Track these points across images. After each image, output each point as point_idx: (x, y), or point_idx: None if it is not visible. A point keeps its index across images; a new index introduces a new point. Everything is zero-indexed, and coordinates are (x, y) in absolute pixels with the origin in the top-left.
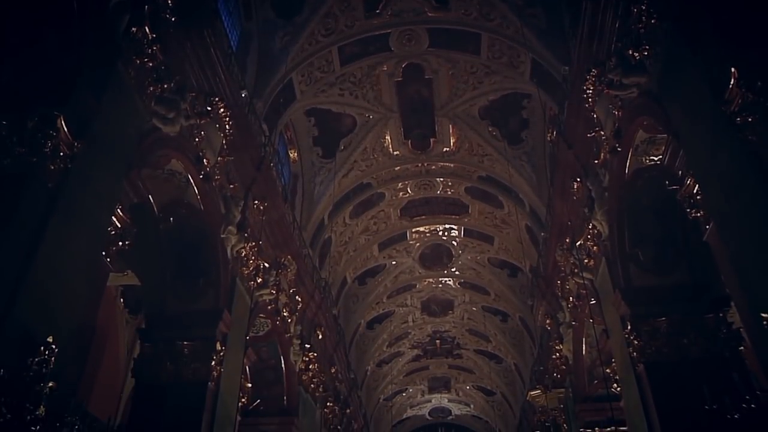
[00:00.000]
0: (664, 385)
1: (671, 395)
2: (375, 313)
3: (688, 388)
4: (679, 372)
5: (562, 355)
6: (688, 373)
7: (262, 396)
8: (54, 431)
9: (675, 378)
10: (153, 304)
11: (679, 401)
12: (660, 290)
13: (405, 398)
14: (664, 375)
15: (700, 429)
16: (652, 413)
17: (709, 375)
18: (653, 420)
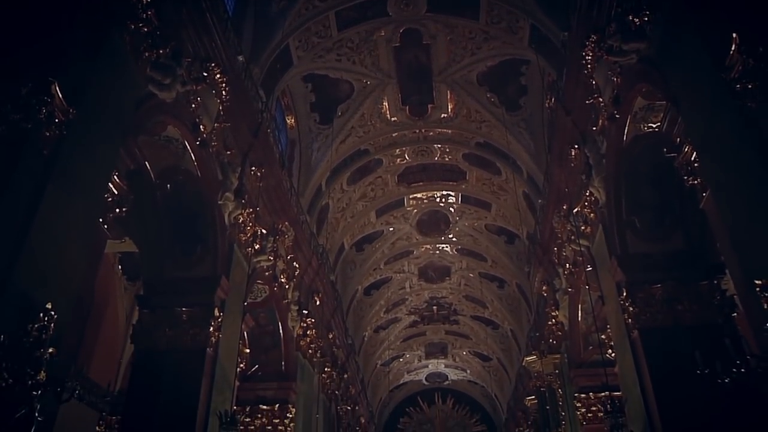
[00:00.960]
0: (658, 350)
1: (664, 361)
2: (372, 279)
3: (681, 353)
4: (673, 338)
5: (558, 321)
6: (682, 339)
7: (260, 361)
8: (55, 396)
9: (669, 344)
10: (151, 271)
11: (672, 367)
12: (656, 257)
13: (402, 364)
14: (658, 341)
15: (692, 393)
16: (645, 378)
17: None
18: (646, 385)
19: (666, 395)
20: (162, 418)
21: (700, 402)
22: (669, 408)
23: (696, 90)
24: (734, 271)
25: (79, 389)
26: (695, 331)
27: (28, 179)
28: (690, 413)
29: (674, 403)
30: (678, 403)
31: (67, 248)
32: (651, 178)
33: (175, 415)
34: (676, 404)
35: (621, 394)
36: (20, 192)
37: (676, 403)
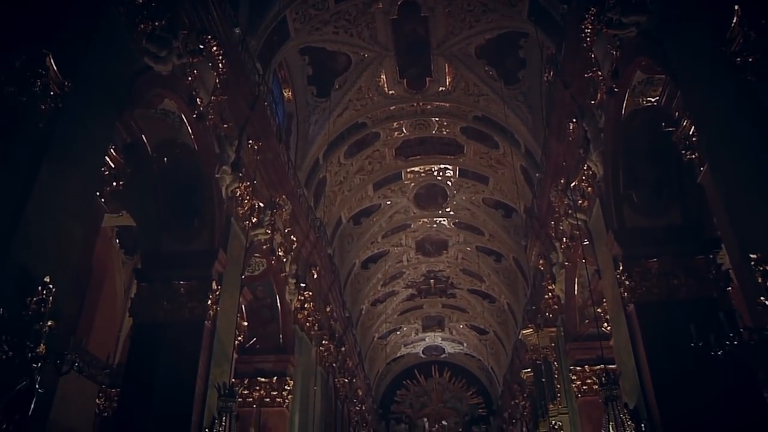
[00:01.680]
0: (653, 324)
1: (659, 334)
2: (370, 252)
3: (676, 327)
4: (668, 312)
5: (555, 295)
6: (677, 313)
7: (258, 334)
8: (55, 368)
9: (664, 318)
10: (148, 245)
11: (666, 340)
12: (652, 232)
13: (399, 336)
14: (653, 315)
15: (685, 366)
16: (640, 351)
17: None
18: (641, 358)
19: (660, 368)
20: (161, 390)
21: (693, 374)
22: (663, 380)
23: (696, 63)
24: (730, 246)
25: (78, 362)
26: (690, 305)
27: (24, 152)
28: (683, 385)
29: (668, 376)
30: (672, 376)
31: (64, 222)
32: (649, 153)
33: (174, 387)
34: (670, 377)
35: (616, 367)
36: (17, 165)
37: (669, 375)
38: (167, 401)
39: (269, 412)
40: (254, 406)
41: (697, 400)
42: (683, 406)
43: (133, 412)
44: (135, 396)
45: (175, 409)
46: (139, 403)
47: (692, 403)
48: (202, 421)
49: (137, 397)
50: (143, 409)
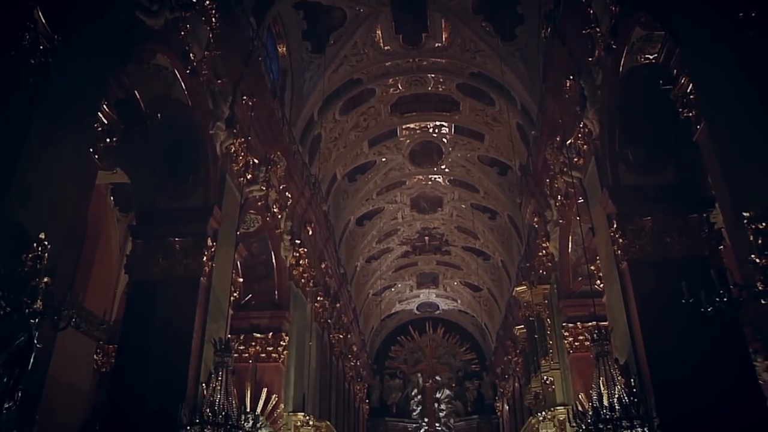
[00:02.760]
0: (646, 282)
1: (651, 291)
2: (364, 209)
3: (668, 285)
4: (661, 270)
5: (549, 252)
6: (669, 271)
7: (253, 291)
8: (52, 324)
9: (656, 275)
10: (143, 202)
11: (658, 297)
12: (647, 190)
13: (394, 293)
14: (645, 272)
15: (676, 323)
16: (632, 308)
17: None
18: (632, 315)
19: (651, 325)
20: (158, 346)
21: (683, 331)
22: (653, 337)
23: (696, 18)
24: (724, 204)
25: (75, 318)
26: (682, 263)
27: (16, 108)
28: (673, 342)
29: (658, 332)
30: (662, 333)
31: (58, 178)
32: (646, 111)
33: (171, 343)
34: (660, 333)
35: (608, 323)
36: (7, 122)
37: (660, 332)
38: (164, 357)
39: (265, 367)
40: (250, 361)
41: (685, 356)
42: (672, 362)
43: (131, 367)
44: (132, 352)
45: (172, 365)
46: (136, 359)
47: (681, 359)
48: (198, 376)
49: (134, 352)
50: (140, 365)
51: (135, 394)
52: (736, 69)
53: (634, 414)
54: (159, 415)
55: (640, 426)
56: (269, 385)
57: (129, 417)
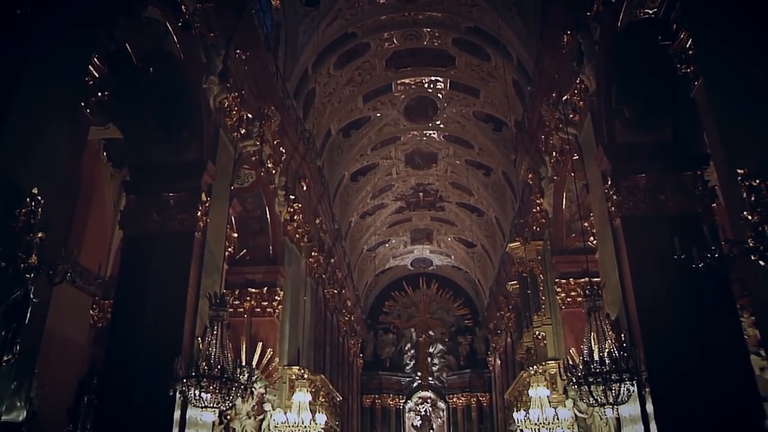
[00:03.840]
0: (638, 238)
1: (644, 248)
2: (359, 165)
3: (661, 241)
4: (654, 227)
5: (543, 208)
6: (662, 228)
7: (248, 246)
8: (48, 278)
9: (649, 232)
10: (136, 157)
11: (650, 254)
12: (642, 147)
13: (388, 249)
14: (639, 229)
15: (667, 279)
16: (624, 265)
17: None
18: (625, 271)
19: (642, 281)
20: (153, 300)
21: (673, 287)
22: (644, 293)
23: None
24: (718, 160)
25: (70, 272)
26: (675, 220)
27: (4, 61)
28: (664, 298)
29: (650, 289)
30: (653, 289)
31: (49, 133)
32: (643, 67)
33: (166, 298)
34: (652, 289)
35: (600, 279)
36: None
37: (651, 288)
38: (159, 311)
39: (260, 322)
40: (245, 316)
41: (675, 312)
42: (662, 318)
43: (127, 322)
44: (128, 307)
45: (168, 319)
46: (132, 314)
47: (671, 315)
48: (194, 330)
49: (130, 307)
50: (136, 319)
51: (131, 348)
52: (736, 24)
53: (623, 368)
54: (155, 369)
55: (629, 379)
56: (264, 339)
57: (126, 371)
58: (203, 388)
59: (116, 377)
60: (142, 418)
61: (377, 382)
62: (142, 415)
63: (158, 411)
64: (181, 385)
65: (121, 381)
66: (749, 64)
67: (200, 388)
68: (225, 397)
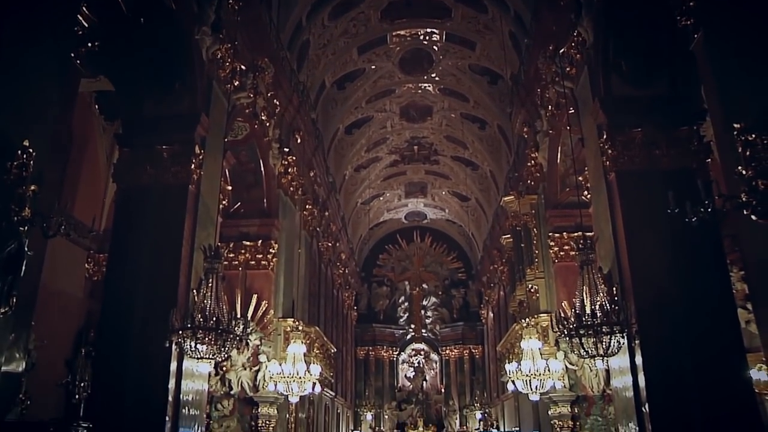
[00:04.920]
0: (632, 193)
1: (637, 203)
2: (353, 118)
3: (655, 196)
4: (648, 181)
5: (537, 162)
6: (656, 183)
7: (242, 199)
8: (42, 231)
9: (643, 187)
10: (129, 110)
11: (644, 208)
12: (639, 101)
13: (382, 202)
14: (633, 184)
15: (659, 234)
16: (617, 219)
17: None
18: (618, 225)
19: (635, 235)
20: (148, 253)
21: (666, 242)
22: (637, 247)
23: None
24: (715, 115)
25: (64, 225)
26: (670, 175)
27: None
28: (656, 253)
29: (642, 243)
30: (645, 243)
31: (39, 84)
32: (642, 20)
33: (161, 251)
34: (644, 243)
35: (593, 234)
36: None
37: (644, 242)
38: (154, 264)
39: (255, 275)
40: (240, 268)
41: (666, 266)
42: (654, 272)
43: (122, 275)
44: (122, 260)
45: (163, 272)
46: (127, 267)
47: (662, 269)
48: (189, 283)
49: (125, 261)
50: (131, 272)
51: (127, 301)
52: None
53: (614, 320)
54: (151, 321)
55: (619, 332)
56: (259, 291)
57: (122, 323)
58: (199, 340)
59: (113, 330)
60: (140, 370)
61: (371, 335)
62: (139, 366)
63: (155, 362)
64: (177, 337)
65: (117, 333)
66: (749, 17)
67: (196, 339)
68: (220, 348)
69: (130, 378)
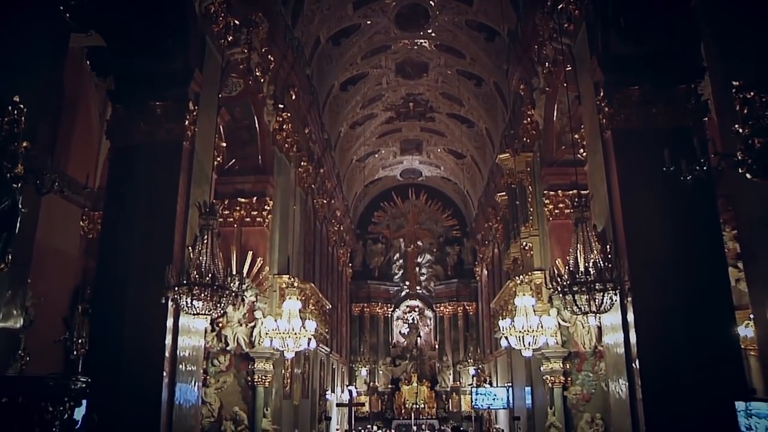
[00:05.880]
0: (628, 151)
1: (633, 161)
2: (348, 74)
3: (650, 155)
4: (644, 140)
5: (533, 120)
6: (652, 142)
7: (237, 155)
8: (35, 189)
9: (639, 145)
10: (121, 65)
11: (639, 167)
12: (637, 58)
13: (377, 159)
14: (629, 142)
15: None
16: (613, 177)
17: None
18: (613, 183)
19: (630, 193)
20: (143, 210)
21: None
22: (631, 205)
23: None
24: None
25: (57, 182)
26: (666, 133)
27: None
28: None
29: (636, 201)
30: (640, 201)
31: (28, 39)
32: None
33: (156, 208)
34: (638, 202)
35: (588, 192)
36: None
37: (638, 200)
38: (149, 221)
39: (250, 231)
40: (235, 225)
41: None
42: (647, 230)
43: (117, 232)
44: (117, 217)
45: (158, 229)
46: (121, 224)
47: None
48: (184, 240)
49: (120, 218)
50: (126, 229)
51: (122, 258)
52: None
53: (607, 278)
54: (147, 278)
55: (612, 289)
56: (254, 248)
57: (118, 280)
58: (195, 296)
59: (109, 287)
60: (136, 326)
61: (366, 291)
62: (136, 323)
63: (151, 319)
64: (173, 293)
65: (114, 291)
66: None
67: (192, 295)
68: (216, 304)
69: (128, 335)
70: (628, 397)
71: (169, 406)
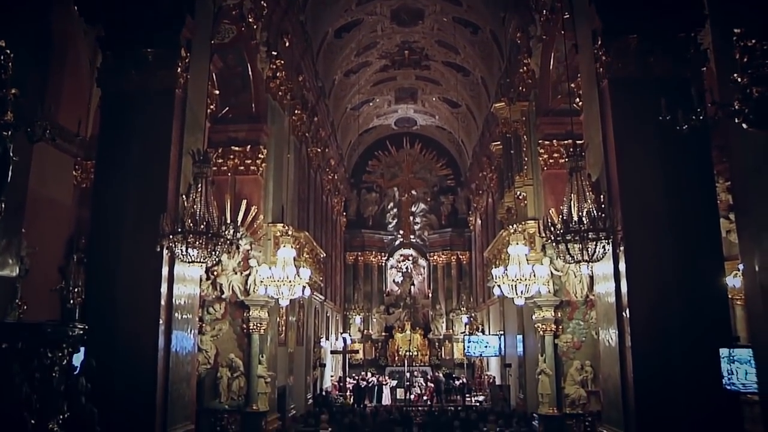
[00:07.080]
0: (625, 101)
1: (629, 111)
2: (343, 21)
3: (647, 104)
4: (641, 89)
5: (530, 69)
6: (650, 91)
7: (230, 103)
8: (26, 137)
9: (636, 95)
10: (111, 10)
11: (635, 117)
12: (636, 5)
13: (372, 108)
14: (626, 91)
15: (650, 141)
16: (608, 126)
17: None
18: (608, 133)
19: (625, 143)
20: (137, 157)
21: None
22: (626, 155)
23: None
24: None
25: (48, 130)
26: (664, 83)
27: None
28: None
29: (631, 151)
30: (635, 151)
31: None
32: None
33: (149, 156)
34: (633, 152)
35: (583, 141)
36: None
37: (633, 150)
38: (143, 170)
39: (244, 180)
40: (229, 174)
41: (654, 174)
42: (641, 180)
43: (110, 181)
44: (110, 166)
45: (151, 177)
46: (115, 173)
47: (650, 178)
48: (178, 188)
49: (112, 167)
50: (119, 178)
51: (116, 207)
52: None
53: (600, 227)
54: (141, 226)
55: (605, 238)
56: (248, 197)
57: (112, 229)
58: (189, 244)
59: (103, 236)
60: (132, 275)
61: (360, 240)
62: (132, 271)
63: (146, 267)
64: (167, 241)
65: (108, 240)
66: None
67: (186, 243)
68: (211, 252)
69: (123, 283)
70: (618, 345)
71: (166, 353)
